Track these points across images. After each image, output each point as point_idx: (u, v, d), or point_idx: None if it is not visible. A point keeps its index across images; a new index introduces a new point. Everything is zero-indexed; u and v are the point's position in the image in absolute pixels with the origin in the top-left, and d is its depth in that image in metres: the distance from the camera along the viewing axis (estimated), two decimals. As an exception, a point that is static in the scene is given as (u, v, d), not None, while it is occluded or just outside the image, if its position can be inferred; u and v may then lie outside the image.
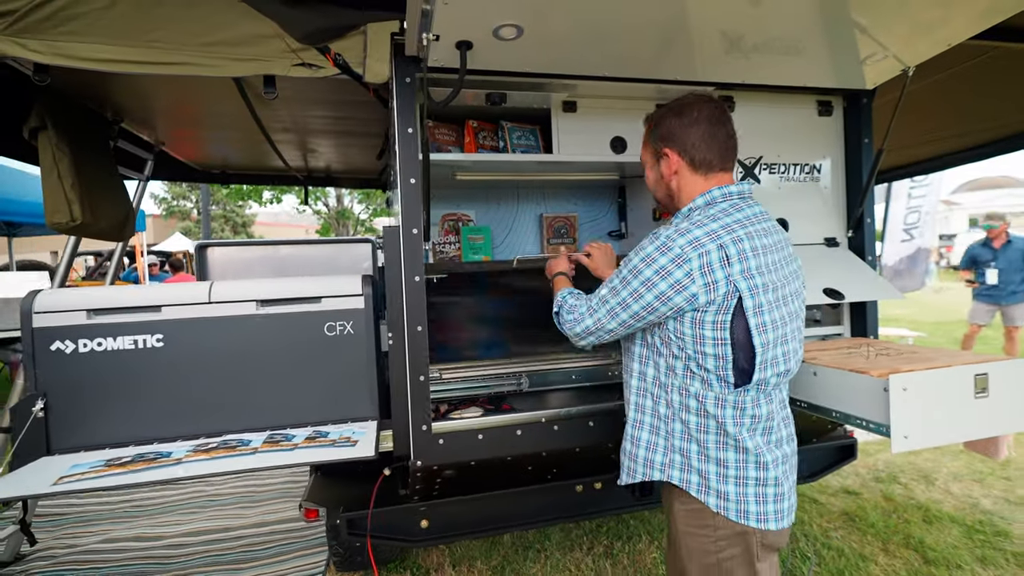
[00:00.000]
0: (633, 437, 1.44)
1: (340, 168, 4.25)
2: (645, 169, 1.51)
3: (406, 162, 1.70)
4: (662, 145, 1.40)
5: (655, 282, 1.25)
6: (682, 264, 1.23)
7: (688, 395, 1.32)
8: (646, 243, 1.30)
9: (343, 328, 1.77)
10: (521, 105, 2.02)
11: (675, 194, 1.43)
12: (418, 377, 1.72)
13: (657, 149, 1.42)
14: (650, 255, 1.26)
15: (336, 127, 3.07)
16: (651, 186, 1.50)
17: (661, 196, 1.50)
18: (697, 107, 1.37)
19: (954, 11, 1.57)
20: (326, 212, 15.90)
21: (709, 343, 1.26)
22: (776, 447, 1.33)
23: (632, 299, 1.29)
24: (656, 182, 1.47)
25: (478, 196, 2.69)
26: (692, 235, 1.25)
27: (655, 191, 1.51)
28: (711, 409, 1.30)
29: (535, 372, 2.62)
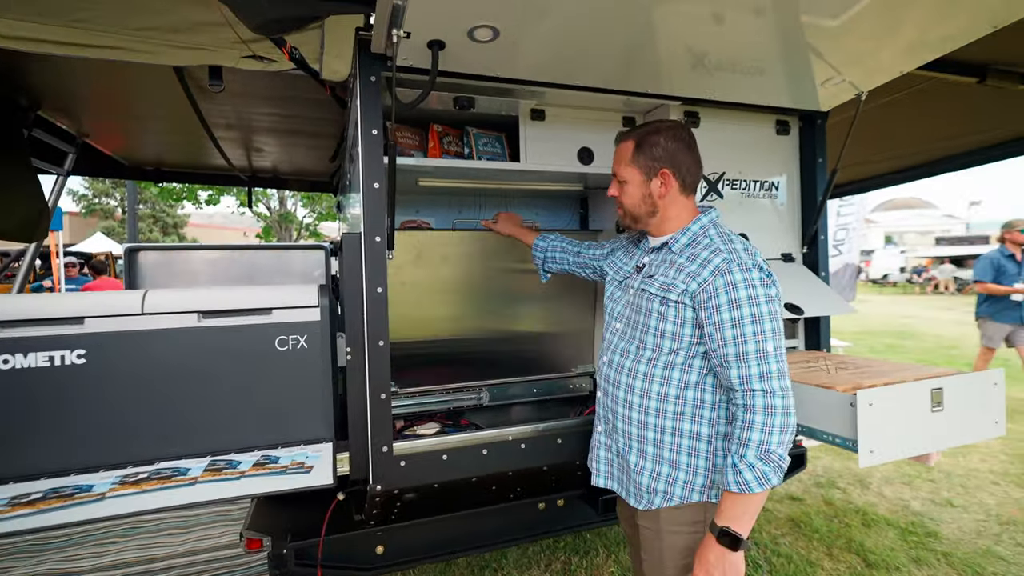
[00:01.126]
0: (672, 461, 1.44)
1: (288, 169, 4.03)
2: (625, 185, 1.52)
3: (370, 166, 1.60)
4: (659, 165, 1.47)
5: (776, 312, 1.34)
6: (775, 283, 1.39)
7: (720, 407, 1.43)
8: (740, 276, 1.33)
9: (296, 342, 1.63)
10: (488, 111, 1.96)
11: (659, 212, 1.51)
12: (379, 395, 1.61)
13: (651, 167, 1.47)
14: (768, 295, 1.34)
15: (286, 126, 2.90)
16: (631, 202, 1.53)
17: (642, 212, 1.53)
18: (687, 132, 1.50)
19: (904, 42, 1.64)
20: (267, 215, 15.19)
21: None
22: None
23: (780, 337, 1.33)
24: (642, 199, 1.51)
25: (440, 203, 2.60)
26: (761, 262, 1.40)
27: (634, 206, 1.53)
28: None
29: (496, 385, 2.55)
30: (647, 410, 1.47)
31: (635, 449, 1.50)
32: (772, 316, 1.32)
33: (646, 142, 1.49)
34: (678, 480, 1.43)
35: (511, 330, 2.64)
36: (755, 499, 1.26)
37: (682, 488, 1.43)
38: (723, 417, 1.42)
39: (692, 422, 1.42)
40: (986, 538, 3.16)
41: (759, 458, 1.24)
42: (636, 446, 1.50)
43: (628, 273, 1.66)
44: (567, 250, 2.05)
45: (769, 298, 1.33)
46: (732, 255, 1.37)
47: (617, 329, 1.61)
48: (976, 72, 2.42)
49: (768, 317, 1.31)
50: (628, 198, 1.53)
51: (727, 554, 1.27)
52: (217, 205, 13.32)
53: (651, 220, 1.53)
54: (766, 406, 1.26)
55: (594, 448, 1.66)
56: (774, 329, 1.31)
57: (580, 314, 2.74)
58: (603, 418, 1.64)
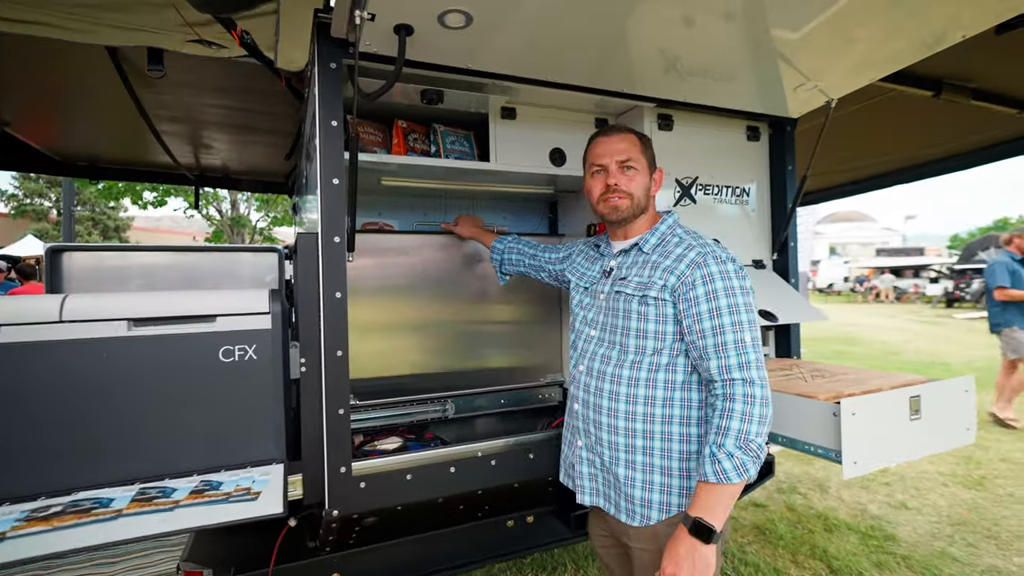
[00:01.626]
0: (665, 468, 1.38)
1: (240, 168, 3.79)
2: (636, 173, 1.49)
3: (329, 159, 1.47)
4: (656, 166, 1.54)
5: (752, 305, 1.35)
6: (747, 277, 1.39)
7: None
8: (716, 267, 1.35)
9: (244, 353, 1.47)
10: (457, 107, 1.85)
11: (649, 207, 1.54)
12: (337, 410, 1.47)
13: (653, 164, 1.54)
14: (743, 286, 1.35)
15: (238, 120, 2.71)
16: (639, 190, 1.50)
17: (642, 205, 1.51)
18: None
19: (876, 49, 1.65)
20: (218, 218, 14.51)
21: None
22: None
23: (756, 328, 1.34)
24: (646, 190, 1.51)
25: (403, 204, 2.47)
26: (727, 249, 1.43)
27: (641, 197, 1.50)
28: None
29: (462, 397, 2.43)
30: (634, 416, 1.41)
31: (623, 460, 1.42)
32: (748, 308, 1.34)
33: (645, 141, 1.54)
34: (673, 488, 1.37)
35: (478, 339, 2.53)
36: (731, 489, 1.22)
37: (679, 495, 1.37)
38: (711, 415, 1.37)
39: (681, 424, 1.38)
40: (941, 540, 3.25)
41: (738, 447, 1.21)
42: (624, 457, 1.42)
43: (595, 279, 1.60)
44: (524, 252, 1.98)
45: (744, 290, 1.35)
46: (706, 249, 1.39)
47: (592, 336, 1.54)
48: (932, 86, 2.50)
49: (744, 308, 1.33)
50: (637, 186, 1.50)
51: (698, 547, 1.21)
52: (164, 207, 12.63)
53: (641, 215, 1.53)
54: (746, 395, 1.25)
55: (576, 464, 1.57)
56: (750, 320, 1.33)
57: (548, 322, 2.66)
58: (582, 431, 1.55)
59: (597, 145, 1.53)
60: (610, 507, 1.46)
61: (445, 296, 2.44)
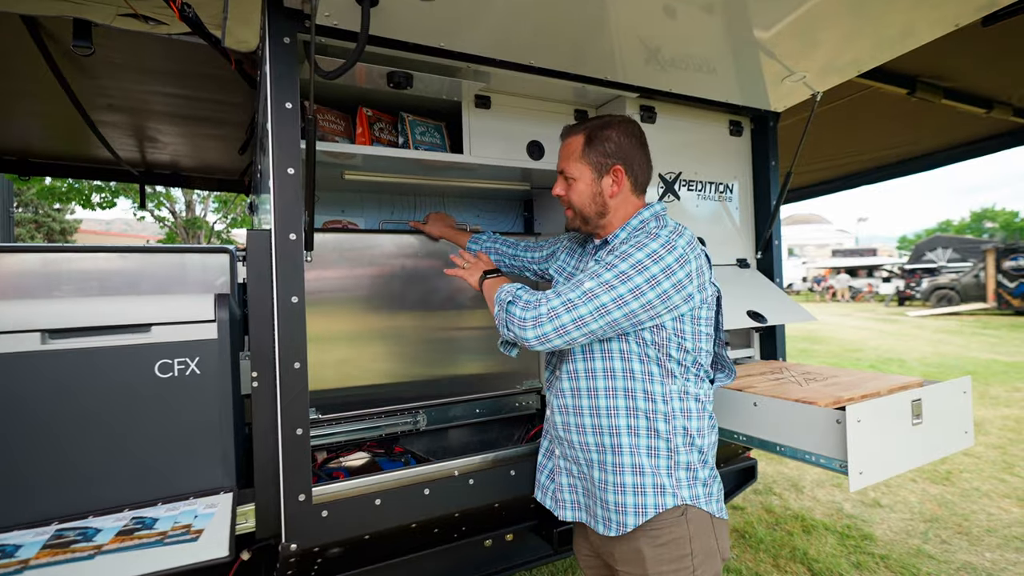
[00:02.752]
0: (636, 467, 1.27)
1: (191, 164, 3.53)
2: (574, 183, 1.40)
3: (283, 147, 1.30)
4: (612, 161, 1.37)
5: (659, 280, 1.20)
6: (684, 264, 1.23)
7: (688, 397, 1.30)
8: (645, 240, 1.24)
9: (185, 367, 1.28)
10: (426, 93, 1.70)
11: (608, 211, 1.40)
12: (294, 430, 1.29)
13: (603, 163, 1.37)
14: (656, 252, 1.21)
15: (185, 109, 2.48)
16: (580, 199, 1.40)
17: (591, 211, 1.41)
18: (639, 128, 1.41)
19: (863, 41, 1.59)
20: (172, 220, 13.84)
21: (704, 338, 1.31)
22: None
23: (632, 296, 1.19)
24: (592, 197, 1.39)
25: (369, 201, 2.30)
26: (686, 238, 1.28)
27: (584, 205, 1.40)
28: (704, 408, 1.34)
29: (434, 407, 2.28)
30: (597, 411, 1.31)
31: (596, 462, 1.32)
32: (640, 269, 1.19)
33: (597, 136, 1.38)
34: (646, 488, 1.26)
35: (450, 344, 2.37)
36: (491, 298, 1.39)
37: (654, 494, 1.25)
38: (678, 411, 1.29)
39: (647, 418, 1.28)
40: (915, 537, 3.26)
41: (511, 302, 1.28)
42: (596, 458, 1.32)
43: (574, 276, 1.49)
44: (502, 251, 1.86)
45: (655, 256, 1.21)
46: (652, 229, 1.30)
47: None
48: (907, 83, 2.48)
49: (635, 265, 1.20)
50: (577, 196, 1.40)
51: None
52: (113, 208, 11.94)
53: (600, 221, 1.42)
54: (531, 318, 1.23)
55: (556, 476, 1.44)
56: (636, 282, 1.19)
57: (526, 325, 2.53)
58: (558, 439, 1.43)
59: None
60: (591, 520, 1.35)
61: (414, 299, 2.28)
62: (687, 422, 1.28)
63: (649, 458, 1.26)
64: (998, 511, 3.54)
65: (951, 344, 10.88)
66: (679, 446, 1.26)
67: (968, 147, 3.23)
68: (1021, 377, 7.52)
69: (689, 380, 1.30)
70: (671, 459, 1.26)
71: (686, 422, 1.28)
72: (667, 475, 1.25)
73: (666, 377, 1.27)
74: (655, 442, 1.26)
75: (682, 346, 1.27)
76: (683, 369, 1.29)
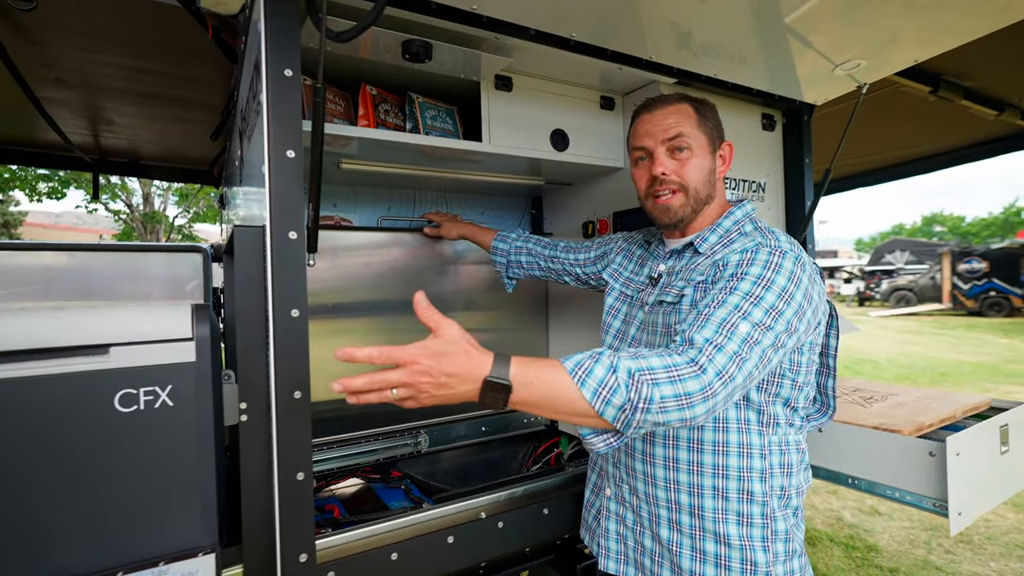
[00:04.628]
0: (721, 536, 1.06)
1: (153, 151, 3.17)
2: (690, 155, 1.15)
3: (281, 124, 1.05)
4: (722, 138, 1.22)
5: (804, 309, 1.00)
6: (814, 282, 1.04)
7: (789, 448, 1.10)
8: (771, 258, 1.01)
9: (153, 398, 1.02)
10: (442, 71, 1.47)
11: (715, 195, 1.21)
12: (294, 474, 1.05)
13: (716, 135, 1.20)
14: (793, 272, 1.00)
15: (148, 86, 2.17)
16: (698, 176, 1.16)
17: (704, 193, 1.17)
18: None
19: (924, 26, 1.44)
20: (127, 214, 13.04)
21: (814, 370, 1.13)
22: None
23: (787, 335, 0.97)
24: (708, 174, 1.18)
25: (364, 195, 2.05)
26: (799, 246, 1.08)
27: (700, 184, 1.16)
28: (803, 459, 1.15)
29: (436, 426, 2.04)
30: (675, 464, 1.10)
31: (665, 520, 1.11)
32: (787, 299, 0.96)
33: (704, 107, 1.19)
34: (732, 560, 1.05)
35: (455, 355, 2.14)
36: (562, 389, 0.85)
37: (741, 571, 1.04)
38: (776, 467, 1.07)
39: (740, 478, 1.05)
40: (919, 547, 3.20)
41: (631, 375, 0.84)
42: (666, 515, 1.11)
43: (640, 286, 1.28)
44: (536, 252, 1.64)
45: (795, 277, 0.98)
46: (768, 240, 1.06)
47: None
48: (931, 81, 2.38)
49: (781, 295, 0.96)
50: (696, 172, 1.15)
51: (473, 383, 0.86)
52: (64, 200, 11.14)
53: (706, 208, 1.19)
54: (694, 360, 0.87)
55: (602, 519, 1.24)
56: (778, 311, 0.94)
57: (532, 331, 2.32)
58: (612, 477, 1.22)
59: (639, 124, 1.21)
60: None
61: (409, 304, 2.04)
62: (785, 480, 1.08)
63: (739, 527, 1.05)
64: (994, 517, 3.52)
65: (916, 344, 11.20)
66: (775, 510, 1.06)
67: (975, 149, 3.19)
68: (987, 377, 7.74)
69: (792, 425, 1.10)
70: (767, 528, 1.05)
71: (784, 480, 1.08)
72: (762, 549, 1.04)
73: (766, 426, 1.07)
74: (747, 507, 1.05)
75: (795, 382, 1.07)
76: (789, 412, 1.09)
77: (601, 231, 1.97)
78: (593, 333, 2.07)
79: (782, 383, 1.06)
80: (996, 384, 7.20)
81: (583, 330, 2.14)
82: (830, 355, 1.19)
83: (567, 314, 2.24)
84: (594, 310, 2.05)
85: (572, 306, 2.20)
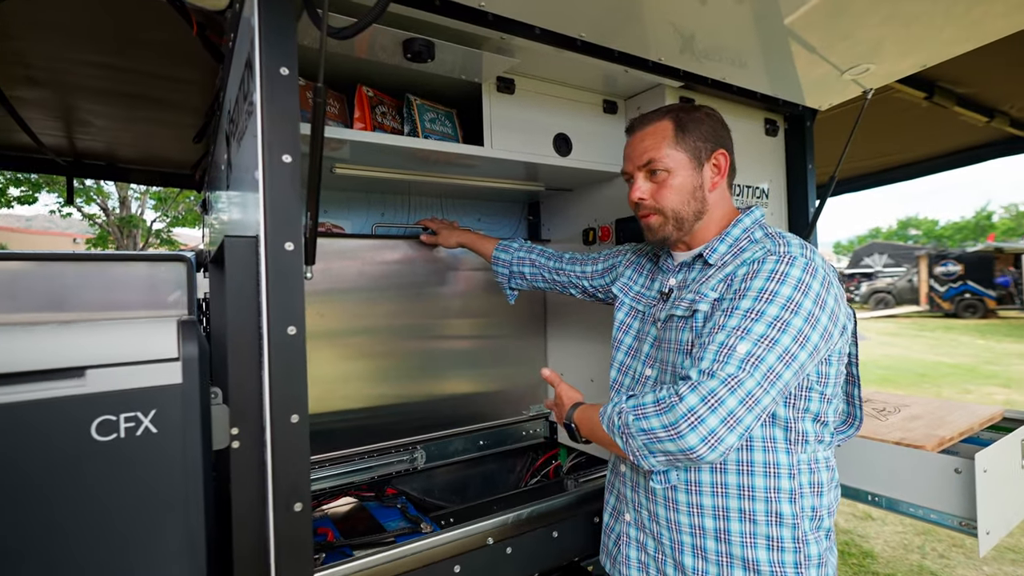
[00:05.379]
0: (749, 562, 1.01)
1: (131, 155, 3.04)
2: (668, 177, 1.12)
3: (276, 126, 0.97)
4: (712, 146, 1.14)
5: (817, 316, 0.94)
6: (830, 288, 0.98)
7: (819, 467, 1.05)
8: (777, 266, 0.97)
9: (135, 425, 0.93)
10: (441, 72, 1.40)
11: (706, 210, 1.15)
12: (291, 505, 0.97)
13: (703, 149, 1.13)
14: (801, 280, 0.95)
15: (127, 86, 2.06)
16: (677, 198, 1.13)
17: (688, 211, 1.13)
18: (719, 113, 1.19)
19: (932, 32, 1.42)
20: (103, 218, 12.67)
21: (841, 382, 1.08)
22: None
23: (798, 346, 0.92)
24: (692, 192, 1.13)
25: (356, 201, 1.97)
26: (811, 249, 1.04)
27: (682, 205, 1.13)
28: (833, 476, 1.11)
29: (433, 441, 1.97)
30: (698, 487, 1.04)
31: (688, 546, 1.05)
32: (794, 308, 0.92)
33: (689, 118, 1.13)
34: None
35: (447, 366, 2.07)
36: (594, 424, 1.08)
37: None
38: (806, 486, 1.02)
39: (767, 499, 1.00)
40: (913, 552, 3.20)
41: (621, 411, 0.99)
42: (690, 541, 1.05)
43: (651, 301, 1.23)
44: (539, 264, 1.58)
45: (803, 286, 0.94)
46: (777, 248, 1.01)
47: (648, 377, 1.16)
48: (926, 88, 2.38)
49: (787, 305, 0.92)
50: (674, 195, 1.12)
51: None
52: (33, 204, 10.76)
53: (697, 224, 1.15)
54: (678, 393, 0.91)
55: (622, 544, 1.18)
56: (796, 326, 0.90)
57: (529, 344, 2.26)
58: (631, 502, 1.16)
59: (625, 147, 1.21)
60: None
61: (407, 315, 1.97)
62: (816, 499, 1.03)
63: (768, 551, 0.99)
64: (984, 520, 3.55)
65: (895, 346, 11.39)
66: (807, 532, 1.01)
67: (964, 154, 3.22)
68: (968, 378, 7.88)
69: (822, 441, 1.05)
70: (799, 552, 1.00)
71: (815, 500, 1.03)
72: (794, 574, 1.00)
73: (794, 444, 1.02)
74: (777, 531, 1.00)
75: (824, 395, 1.02)
76: (819, 428, 1.04)
77: (603, 238, 1.92)
78: (592, 342, 2.01)
79: (810, 396, 1.02)
80: (976, 386, 7.33)
81: (582, 339, 2.08)
82: (852, 363, 1.15)
83: (566, 322, 2.18)
84: (593, 318, 1.99)
85: (571, 314, 2.14)
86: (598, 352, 1.97)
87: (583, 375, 2.05)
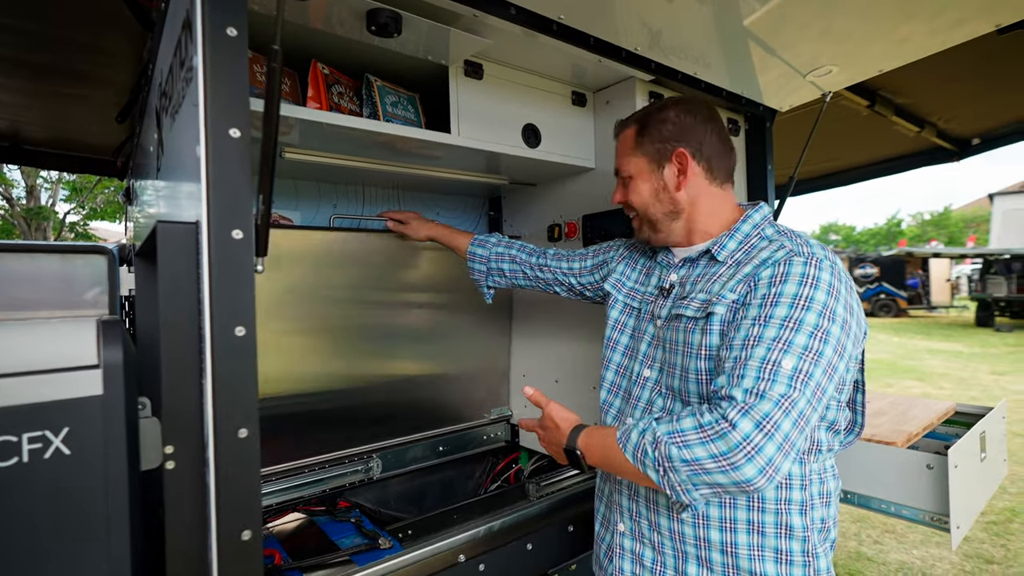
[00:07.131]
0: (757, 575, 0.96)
1: (40, 136, 2.71)
2: (632, 181, 1.14)
3: (222, 96, 0.84)
4: (670, 145, 1.09)
5: (848, 322, 0.91)
6: (851, 291, 0.96)
7: (827, 476, 1.03)
8: (807, 270, 0.92)
9: (43, 447, 0.78)
10: (406, 51, 1.30)
11: (680, 209, 1.11)
12: (239, 532, 0.84)
13: (661, 150, 1.10)
14: (832, 284, 0.91)
15: (36, 56, 1.80)
16: (641, 200, 1.13)
17: (657, 212, 1.12)
18: (704, 106, 1.13)
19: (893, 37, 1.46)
20: (7, 208, 11.48)
21: (851, 387, 1.07)
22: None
23: (837, 357, 0.88)
24: (655, 195, 1.11)
25: (307, 191, 1.82)
26: (831, 252, 1.00)
27: (648, 206, 1.12)
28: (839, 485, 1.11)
29: (390, 449, 1.85)
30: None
31: (693, 557, 1.00)
32: (830, 315, 0.88)
33: (652, 120, 1.12)
34: None
35: (405, 370, 1.96)
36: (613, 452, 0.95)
37: None
38: (816, 497, 1.00)
39: (777, 511, 0.96)
40: (850, 539, 3.36)
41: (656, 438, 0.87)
42: (695, 552, 1.00)
43: (649, 297, 1.17)
44: (520, 260, 1.49)
45: (834, 291, 0.90)
46: (800, 248, 0.97)
47: (647, 379, 1.10)
48: (868, 96, 2.49)
49: (823, 312, 0.87)
50: (639, 198, 1.13)
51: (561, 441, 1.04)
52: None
53: (674, 224, 1.12)
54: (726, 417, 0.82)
55: (614, 558, 1.12)
56: (814, 350, 0.85)
57: (493, 343, 2.17)
58: (627, 511, 1.10)
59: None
60: None
61: (359, 314, 1.84)
62: (825, 510, 1.00)
63: (777, 564, 0.95)
64: (911, 506, 3.79)
65: (823, 343, 12.12)
66: (816, 546, 0.98)
67: (896, 161, 3.42)
68: (888, 373, 8.49)
69: (831, 450, 1.03)
70: (808, 567, 0.96)
71: (824, 511, 1.00)
72: None
73: (808, 453, 0.98)
74: (786, 543, 0.96)
75: (839, 402, 1.00)
76: (831, 436, 1.01)
77: (569, 235, 1.87)
78: (558, 340, 1.96)
79: (828, 404, 0.99)
80: (897, 380, 7.91)
81: (548, 337, 2.02)
82: (860, 368, 1.14)
83: (532, 320, 2.11)
84: (561, 316, 1.94)
85: (538, 312, 2.08)
86: (565, 352, 1.92)
87: (547, 377, 1.99)
